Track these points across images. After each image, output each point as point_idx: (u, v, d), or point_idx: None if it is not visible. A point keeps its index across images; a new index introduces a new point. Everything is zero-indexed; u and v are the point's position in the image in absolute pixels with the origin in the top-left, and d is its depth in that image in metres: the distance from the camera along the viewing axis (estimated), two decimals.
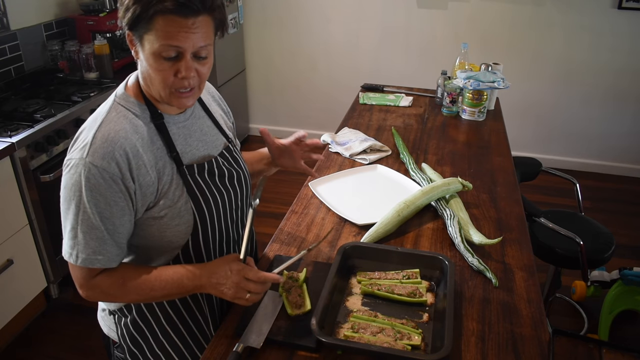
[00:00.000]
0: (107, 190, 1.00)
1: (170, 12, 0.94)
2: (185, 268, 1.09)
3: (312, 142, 1.42)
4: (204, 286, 1.08)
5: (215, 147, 1.21)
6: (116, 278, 1.07)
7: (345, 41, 4.00)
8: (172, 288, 1.08)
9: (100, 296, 1.12)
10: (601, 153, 3.95)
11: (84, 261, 1.03)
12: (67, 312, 2.55)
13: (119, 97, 1.08)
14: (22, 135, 2.21)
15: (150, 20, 0.95)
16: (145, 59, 1.00)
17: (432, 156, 2.00)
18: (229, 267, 1.06)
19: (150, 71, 1.01)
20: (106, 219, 1.02)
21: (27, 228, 2.32)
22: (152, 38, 0.96)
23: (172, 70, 1.00)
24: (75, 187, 0.99)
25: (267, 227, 2.35)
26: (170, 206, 1.08)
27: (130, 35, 1.01)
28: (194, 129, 1.16)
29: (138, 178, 1.03)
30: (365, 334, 1.10)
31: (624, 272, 2.25)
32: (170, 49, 0.97)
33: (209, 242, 1.17)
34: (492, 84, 2.30)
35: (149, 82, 1.04)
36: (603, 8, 3.49)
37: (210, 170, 1.16)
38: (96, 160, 0.99)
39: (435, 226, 1.55)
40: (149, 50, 0.98)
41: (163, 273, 1.08)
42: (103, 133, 1.01)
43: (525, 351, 1.11)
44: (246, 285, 1.05)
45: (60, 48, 2.99)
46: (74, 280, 1.08)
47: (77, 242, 1.02)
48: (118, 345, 1.26)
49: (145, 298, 1.12)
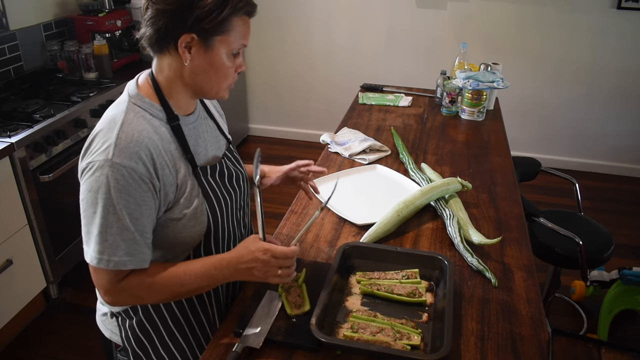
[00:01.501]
0: (137, 190, 0.99)
1: (246, 14, 1.04)
2: (212, 259, 1.08)
3: (311, 168, 1.45)
4: (232, 274, 1.07)
5: (220, 148, 1.23)
6: (143, 278, 1.05)
7: (345, 41, 4.00)
8: (202, 281, 1.07)
9: (128, 299, 1.10)
10: (600, 153, 3.96)
11: (116, 264, 1.00)
12: (67, 312, 2.54)
13: (133, 98, 1.07)
14: (21, 135, 2.21)
15: (228, 22, 1.01)
16: (210, 59, 1.03)
17: (431, 156, 2.00)
18: (255, 249, 1.06)
19: (214, 70, 1.05)
20: (136, 220, 1.00)
21: (26, 228, 2.31)
22: (228, 38, 1.02)
23: (234, 67, 1.08)
24: (103, 190, 0.97)
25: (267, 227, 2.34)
26: (188, 207, 1.08)
27: (193, 39, 1.00)
28: (202, 130, 1.17)
29: (162, 177, 1.03)
30: (364, 334, 1.10)
31: (624, 272, 2.25)
32: (243, 47, 1.06)
33: (219, 243, 1.18)
34: (492, 83, 2.30)
35: (203, 80, 1.06)
36: (602, 8, 3.49)
37: (220, 172, 1.17)
38: (124, 160, 0.97)
39: (434, 226, 1.55)
40: (223, 50, 1.03)
41: (190, 267, 1.07)
42: (127, 133, 1.00)
43: (524, 351, 1.11)
44: (276, 263, 1.05)
45: (59, 48, 2.99)
46: (99, 287, 1.05)
47: (108, 245, 0.99)
48: (122, 348, 1.25)
49: (173, 295, 1.10)
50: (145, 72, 1.11)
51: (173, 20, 0.99)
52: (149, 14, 1.01)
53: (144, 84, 1.09)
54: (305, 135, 4.37)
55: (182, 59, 1.03)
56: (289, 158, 1.42)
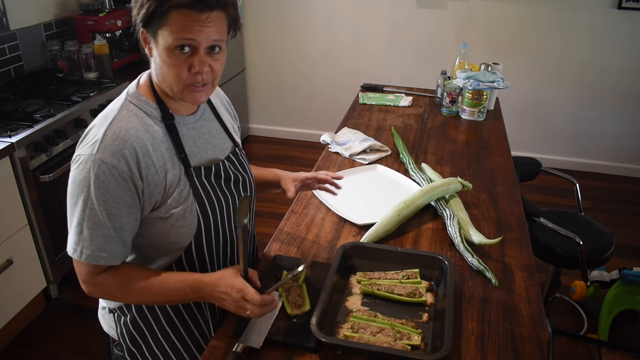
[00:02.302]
0: (116, 187, 1.00)
1: (185, 7, 0.96)
2: (190, 278, 1.09)
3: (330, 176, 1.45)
4: (206, 297, 1.08)
5: (223, 151, 1.22)
6: (121, 278, 1.07)
7: (345, 41, 4.00)
8: (175, 296, 1.09)
9: (102, 294, 1.13)
10: (601, 153, 3.95)
11: (88, 257, 1.03)
12: (67, 312, 2.54)
13: (130, 95, 1.09)
14: (21, 135, 2.21)
15: (164, 15, 0.97)
16: (159, 54, 1.02)
17: (431, 156, 2.00)
18: (230, 284, 1.05)
19: (164, 67, 1.02)
20: (113, 216, 1.02)
21: (26, 228, 2.31)
22: (166, 32, 0.98)
23: (186, 65, 1.01)
24: (84, 183, 0.99)
25: (267, 227, 2.35)
26: (176, 207, 1.08)
27: (144, 33, 1.02)
28: (203, 131, 1.17)
29: (147, 177, 1.04)
30: (364, 334, 1.10)
31: (624, 272, 2.25)
32: (184, 41, 0.98)
33: (212, 245, 1.17)
34: (492, 83, 2.30)
35: (162, 79, 1.05)
36: (603, 8, 3.49)
37: (216, 174, 1.16)
38: (106, 157, 0.99)
39: (435, 226, 1.55)
40: (163, 45, 0.99)
41: (167, 280, 1.08)
42: (114, 130, 1.01)
43: (524, 351, 1.11)
44: (244, 305, 1.05)
45: (59, 48, 2.99)
46: (78, 276, 1.08)
47: (83, 238, 1.02)
48: (117, 343, 1.26)
49: (146, 301, 1.12)
50: (148, 71, 1.13)
51: (134, 16, 1.02)
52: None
53: (144, 83, 1.11)
54: (305, 135, 4.37)
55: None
56: (289, 158, 1.42)
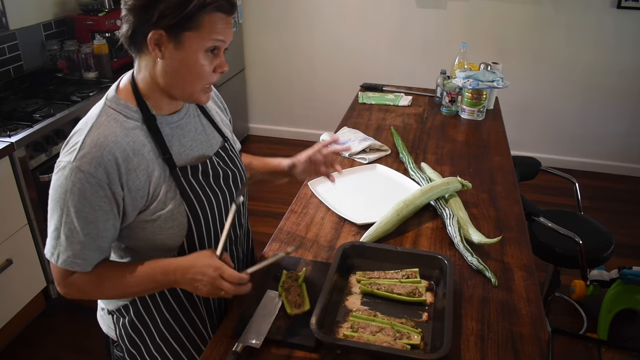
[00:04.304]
0: (93, 195, 0.99)
1: (219, 10, 0.99)
2: (161, 263, 1.08)
3: (334, 149, 1.39)
4: (178, 282, 1.06)
5: (211, 147, 1.19)
6: (92, 277, 1.08)
7: (345, 41, 4.00)
8: (147, 284, 1.08)
9: (77, 293, 1.11)
10: (600, 152, 3.96)
11: (64, 262, 1.04)
12: (67, 311, 2.54)
13: (109, 100, 1.07)
14: (21, 135, 2.21)
15: (194, 19, 0.97)
16: (181, 57, 1.00)
17: (431, 155, 2.00)
18: (207, 264, 1.04)
19: (187, 68, 1.01)
20: (90, 223, 1.01)
21: (26, 228, 2.31)
22: (197, 35, 0.98)
23: (211, 66, 1.04)
24: (61, 190, 1.00)
25: (266, 226, 2.35)
26: (163, 209, 1.07)
27: (162, 35, 0.98)
28: (188, 128, 1.15)
29: (127, 183, 1.02)
30: (364, 333, 1.10)
31: (623, 272, 2.25)
32: (217, 42, 1.01)
33: (205, 244, 1.16)
34: (491, 83, 2.30)
35: (175, 81, 1.03)
36: (602, 7, 3.49)
37: (204, 172, 1.14)
38: (83, 165, 0.98)
39: (434, 225, 1.55)
40: (193, 47, 0.99)
41: (138, 269, 1.08)
42: (92, 138, 1.00)
43: (524, 350, 1.11)
44: (221, 284, 1.03)
45: (59, 48, 2.99)
46: (53, 277, 1.10)
47: (59, 243, 1.03)
48: (117, 344, 1.26)
49: (122, 294, 1.13)
50: (128, 73, 1.10)
51: (141, 17, 0.98)
52: (123, 12, 1.01)
53: (124, 86, 1.09)
54: (305, 134, 4.37)
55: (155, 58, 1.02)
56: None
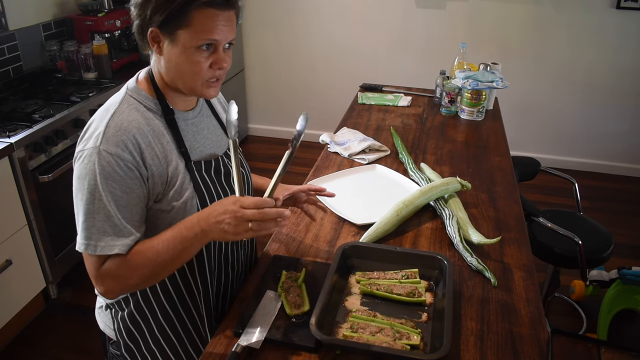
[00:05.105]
0: (123, 177, 1.01)
1: (209, 6, 0.99)
2: (183, 221, 1.05)
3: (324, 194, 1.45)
4: (205, 231, 1.02)
5: (220, 147, 1.23)
6: (123, 258, 1.04)
7: (344, 41, 4.00)
8: (175, 244, 1.03)
9: (113, 283, 1.06)
10: (600, 153, 3.96)
11: (102, 249, 1.01)
12: (66, 312, 2.54)
13: (130, 90, 1.10)
14: (20, 135, 2.21)
15: (186, 15, 0.99)
16: (177, 53, 1.03)
17: (430, 156, 2.00)
18: (224, 202, 1.02)
19: (183, 64, 1.03)
20: (122, 207, 1.02)
21: (25, 228, 2.31)
22: (188, 32, 1.00)
23: (207, 62, 1.04)
24: (90, 176, 1.00)
25: None
26: (178, 200, 1.09)
27: (157, 32, 1.02)
28: (201, 126, 1.19)
29: (151, 166, 1.05)
30: (364, 333, 1.10)
31: (623, 272, 2.25)
32: (209, 40, 1.01)
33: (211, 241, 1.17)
34: (491, 83, 2.30)
35: (176, 76, 1.07)
36: (601, 8, 3.49)
37: (216, 168, 1.18)
38: (110, 147, 1.00)
39: (434, 226, 1.55)
40: (185, 44, 1.01)
41: (164, 235, 1.05)
42: (116, 122, 1.03)
43: (524, 350, 1.11)
44: (244, 214, 0.98)
45: (58, 48, 2.99)
46: (90, 275, 1.05)
47: (95, 231, 1.01)
48: (113, 342, 1.27)
49: (155, 269, 1.06)
50: (147, 67, 1.14)
51: (140, 13, 1.02)
52: (131, 10, 1.05)
53: (143, 79, 1.13)
54: (305, 135, 4.36)
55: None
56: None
